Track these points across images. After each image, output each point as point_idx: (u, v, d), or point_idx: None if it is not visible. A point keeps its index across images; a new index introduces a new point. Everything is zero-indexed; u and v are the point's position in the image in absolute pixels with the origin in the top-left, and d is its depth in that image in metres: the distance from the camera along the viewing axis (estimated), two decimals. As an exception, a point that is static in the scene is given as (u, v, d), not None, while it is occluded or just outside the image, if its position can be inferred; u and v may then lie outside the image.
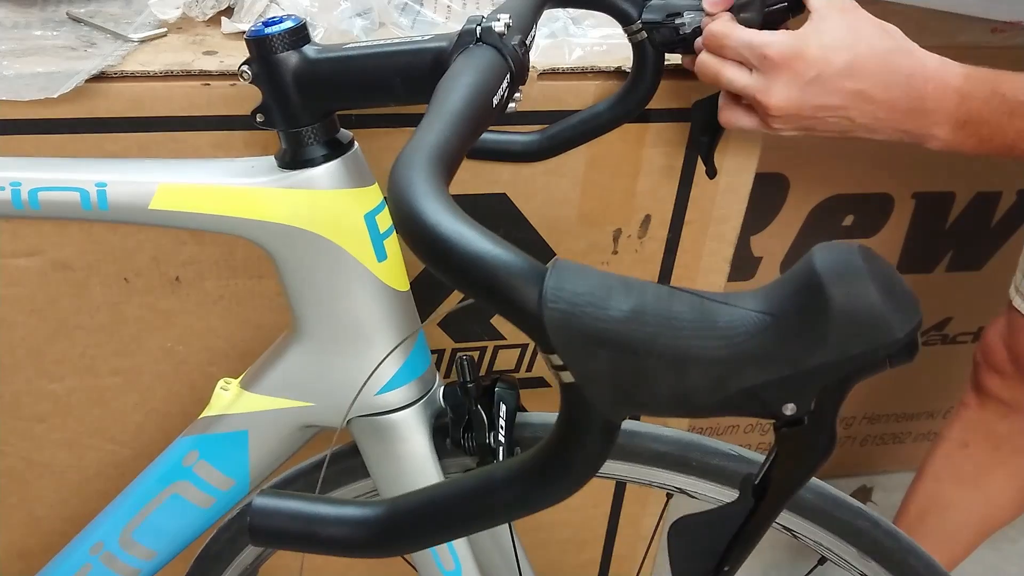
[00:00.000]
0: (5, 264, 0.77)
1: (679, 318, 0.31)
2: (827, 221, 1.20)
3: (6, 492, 0.92)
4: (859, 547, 0.66)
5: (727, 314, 0.31)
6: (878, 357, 0.30)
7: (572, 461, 0.36)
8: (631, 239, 0.86)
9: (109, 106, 0.70)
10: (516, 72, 0.51)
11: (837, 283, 0.30)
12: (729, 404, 0.32)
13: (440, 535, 0.40)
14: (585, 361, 0.32)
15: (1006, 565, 1.39)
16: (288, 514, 0.40)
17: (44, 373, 0.84)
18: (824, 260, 0.30)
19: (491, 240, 0.33)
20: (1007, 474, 1.03)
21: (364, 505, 0.40)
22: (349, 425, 0.65)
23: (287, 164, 0.58)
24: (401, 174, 0.36)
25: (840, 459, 1.54)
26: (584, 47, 0.77)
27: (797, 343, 0.30)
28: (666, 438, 0.67)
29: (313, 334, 0.62)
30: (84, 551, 0.70)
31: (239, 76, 0.55)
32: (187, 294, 0.82)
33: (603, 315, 0.31)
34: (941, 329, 1.37)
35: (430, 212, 0.34)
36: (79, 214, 0.59)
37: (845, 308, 0.30)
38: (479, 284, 0.33)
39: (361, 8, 0.76)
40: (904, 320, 0.30)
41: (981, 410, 1.02)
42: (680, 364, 0.31)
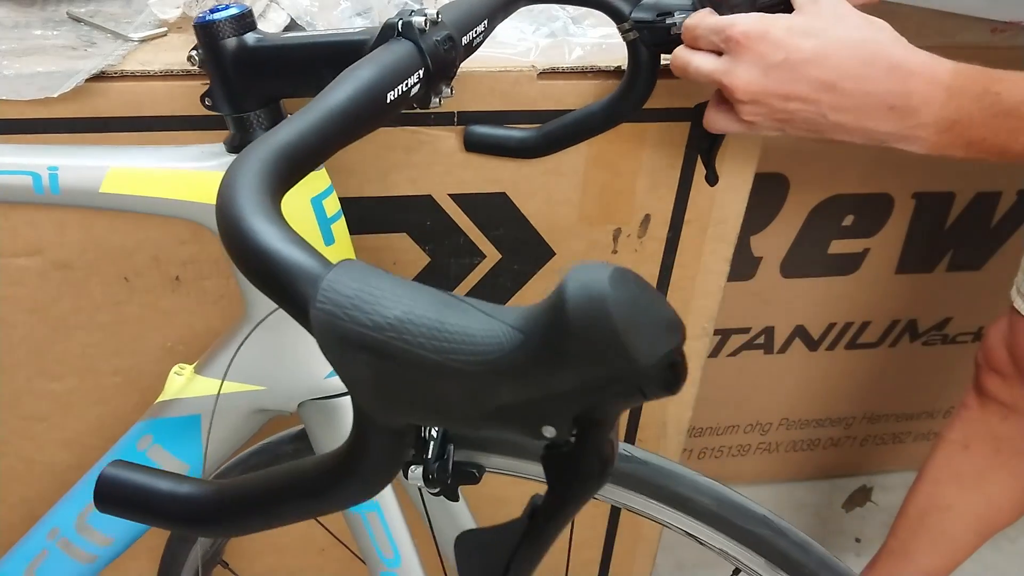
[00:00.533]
0: (5, 264, 0.77)
1: (442, 329, 0.30)
2: (827, 221, 1.20)
3: (6, 492, 0.92)
4: (767, 557, 0.64)
5: (486, 328, 0.30)
6: (628, 385, 0.29)
7: (359, 464, 0.36)
8: (631, 239, 0.86)
9: (109, 106, 0.70)
10: (434, 68, 0.51)
11: (579, 305, 0.28)
12: (489, 420, 0.31)
13: (258, 521, 0.40)
14: (347, 364, 0.31)
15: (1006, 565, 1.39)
16: (130, 486, 0.41)
17: (44, 372, 0.84)
18: (574, 281, 0.29)
19: (284, 238, 0.32)
20: (1008, 476, 1.03)
21: (198, 484, 0.40)
22: (299, 409, 0.65)
23: (235, 149, 0.59)
24: (231, 167, 0.36)
25: (840, 459, 1.55)
26: (584, 47, 0.77)
27: (541, 363, 0.29)
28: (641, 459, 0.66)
29: (261, 317, 0.62)
30: (41, 537, 0.71)
31: (187, 60, 0.57)
32: (187, 294, 0.82)
33: (366, 319, 0.30)
34: (941, 329, 1.37)
35: (237, 207, 0.34)
36: (32, 198, 0.60)
37: (582, 330, 0.28)
38: (262, 277, 0.33)
39: (361, 8, 0.76)
40: (651, 348, 0.28)
41: (982, 411, 1.02)
42: (435, 375, 0.30)
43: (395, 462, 0.36)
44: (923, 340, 1.38)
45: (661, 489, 0.65)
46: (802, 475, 1.52)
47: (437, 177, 0.79)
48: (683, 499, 0.65)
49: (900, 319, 1.34)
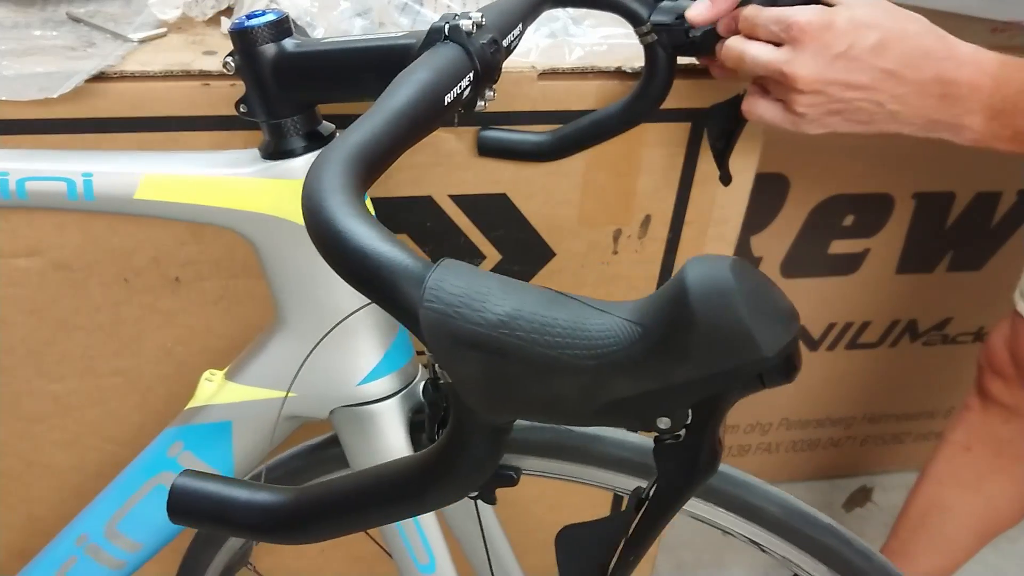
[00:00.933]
0: (5, 264, 0.77)
1: (554, 325, 0.30)
2: (827, 221, 1.20)
3: (6, 492, 0.92)
4: (829, 565, 0.65)
5: (600, 322, 0.30)
6: (749, 375, 0.29)
7: (459, 462, 0.36)
8: (631, 239, 0.86)
9: (109, 106, 0.70)
10: (482, 71, 0.51)
11: (703, 297, 0.29)
12: (603, 415, 0.31)
13: (343, 525, 0.40)
14: (457, 363, 0.31)
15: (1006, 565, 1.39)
16: (205, 495, 0.40)
17: (44, 373, 0.84)
18: (694, 273, 0.29)
19: (382, 238, 0.33)
20: (1008, 479, 1.03)
21: (276, 491, 0.40)
22: (331, 415, 0.65)
23: (269, 155, 0.59)
24: (315, 169, 0.36)
25: (840, 459, 1.55)
26: (584, 47, 0.77)
27: (662, 356, 0.29)
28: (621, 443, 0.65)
29: (295, 324, 0.62)
30: (70, 543, 0.71)
31: (223, 68, 0.56)
32: (187, 294, 0.82)
33: (477, 317, 0.30)
34: (941, 329, 1.37)
35: (328, 208, 0.34)
36: (65, 204, 0.60)
37: (709, 322, 0.28)
38: (364, 279, 0.32)
39: (361, 8, 0.76)
40: (774, 338, 0.29)
41: (984, 414, 1.02)
42: (549, 372, 0.30)
43: (494, 460, 0.36)
44: (923, 340, 1.38)
45: (731, 498, 0.65)
46: (802, 475, 1.52)
47: (437, 178, 0.79)
48: (751, 508, 0.65)
49: (900, 319, 1.34)
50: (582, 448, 0.66)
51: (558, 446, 0.66)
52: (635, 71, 0.75)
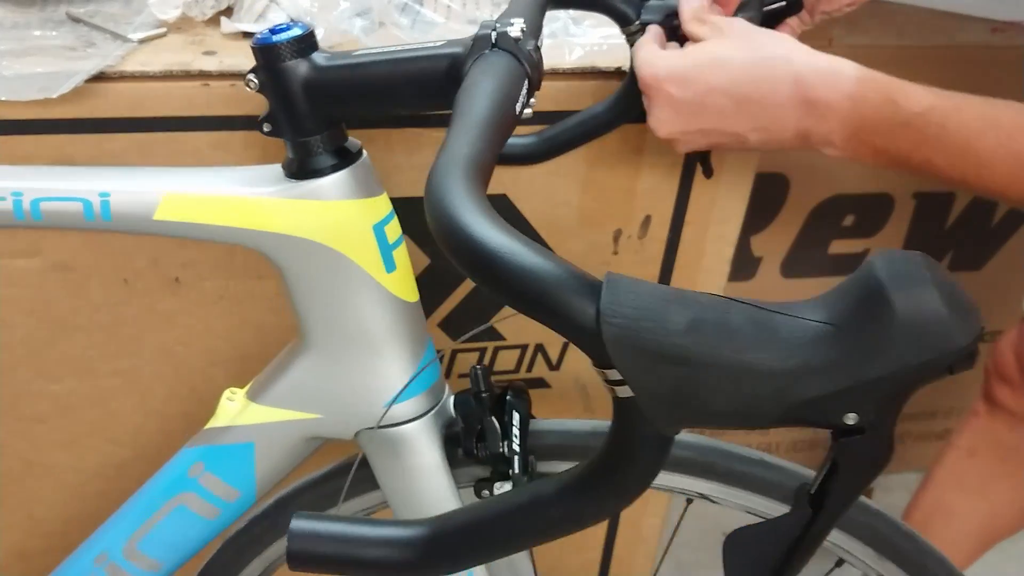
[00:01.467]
0: (5, 265, 0.77)
1: (738, 330, 0.30)
2: (827, 221, 1.20)
3: (6, 492, 0.92)
4: (876, 548, 0.66)
5: (787, 325, 0.30)
6: (941, 366, 0.30)
7: (626, 475, 0.35)
8: (631, 239, 0.86)
9: (109, 106, 0.70)
10: (533, 78, 0.50)
11: (901, 291, 0.29)
12: (789, 416, 0.32)
13: (488, 554, 0.40)
14: (644, 376, 0.31)
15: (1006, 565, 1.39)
16: (327, 536, 0.39)
17: (44, 374, 0.84)
18: (887, 268, 0.30)
19: (542, 254, 0.32)
20: (1013, 485, 1.03)
21: (406, 525, 0.39)
22: (357, 437, 0.64)
23: (294, 174, 0.57)
24: (440, 188, 0.35)
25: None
26: (584, 47, 0.77)
27: (860, 353, 0.30)
28: (687, 443, 0.67)
29: (321, 345, 0.61)
30: (88, 561, 0.70)
31: (246, 85, 0.54)
32: (187, 295, 0.82)
33: (662, 329, 0.30)
34: (941, 329, 1.37)
35: (476, 227, 0.33)
36: (82, 224, 0.58)
37: (909, 317, 0.29)
38: (532, 300, 0.32)
39: (361, 8, 0.76)
40: (967, 328, 0.30)
41: (990, 419, 1.02)
42: (741, 377, 0.30)
43: (660, 467, 0.36)
44: (923, 340, 1.38)
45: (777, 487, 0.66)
46: (802, 475, 1.52)
47: (437, 178, 0.79)
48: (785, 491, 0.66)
49: (900, 319, 1.34)
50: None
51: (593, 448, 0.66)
52: (635, 71, 0.75)
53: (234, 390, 0.67)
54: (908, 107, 0.58)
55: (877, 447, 0.34)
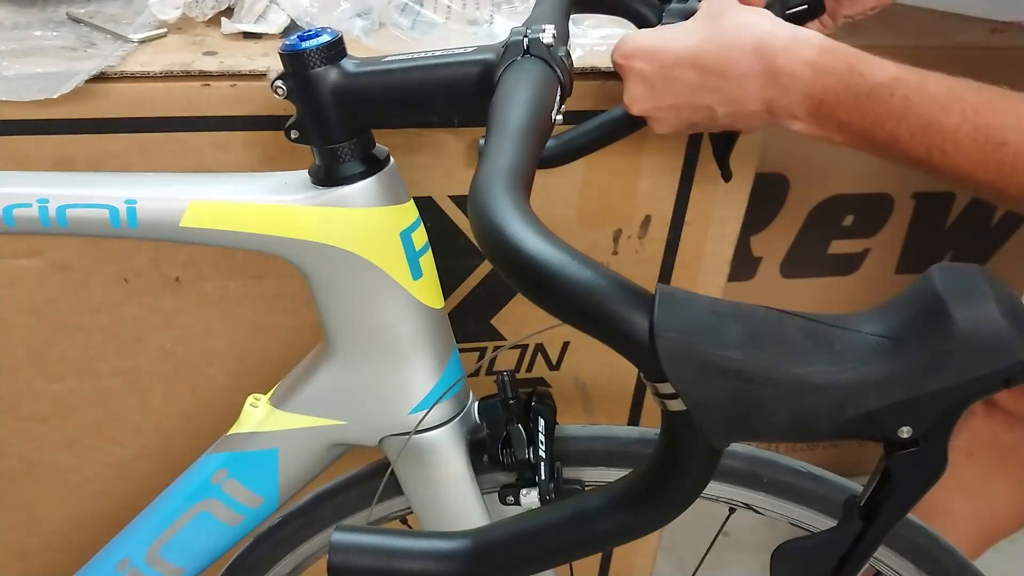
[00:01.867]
0: (5, 264, 0.77)
1: (795, 344, 0.30)
2: (827, 221, 1.20)
3: (6, 492, 0.92)
4: (917, 563, 0.65)
5: (844, 338, 0.30)
6: (999, 379, 0.30)
7: (676, 487, 0.35)
8: (631, 239, 0.86)
9: (109, 106, 0.70)
10: (565, 83, 0.49)
11: (961, 305, 0.29)
12: (844, 429, 0.31)
13: (532, 567, 0.39)
14: (700, 390, 0.31)
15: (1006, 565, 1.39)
16: (369, 549, 0.38)
17: (44, 373, 0.84)
18: (946, 281, 0.30)
19: (592, 267, 0.32)
20: (1011, 485, 1.03)
21: (448, 537, 0.39)
22: (381, 443, 0.64)
23: (321, 181, 0.56)
24: (486, 200, 0.35)
25: (840, 459, 1.54)
26: (584, 47, 0.77)
27: (919, 367, 0.30)
28: (733, 453, 0.66)
29: (346, 352, 0.61)
30: (110, 568, 0.70)
31: (274, 92, 0.53)
32: (187, 295, 0.82)
33: (718, 343, 0.30)
34: (941, 329, 1.37)
35: (525, 239, 0.32)
36: (108, 232, 0.58)
37: (970, 331, 0.29)
38: (584, 314, 0.32)
39: (361, 8, 0.76)
40: None
41: (988, 419, 1.02)
42: (798, 391, 0.30)
43: (707, 482, 0.36)
44: (923, 340, 1.38)
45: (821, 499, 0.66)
46: (802, 475, 1.52)
47: (437, 179, 0.79)
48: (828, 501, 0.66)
49: (900, 319, 1.34)
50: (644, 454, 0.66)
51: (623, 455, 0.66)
52: (635, 71, 0.75)
53: (258, 396, 0.66)
54: (872, 77, 0.57)
55: (931, 460, 0.34)
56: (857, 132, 0.59)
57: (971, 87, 0.57)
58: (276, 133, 0.73)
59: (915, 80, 0.57)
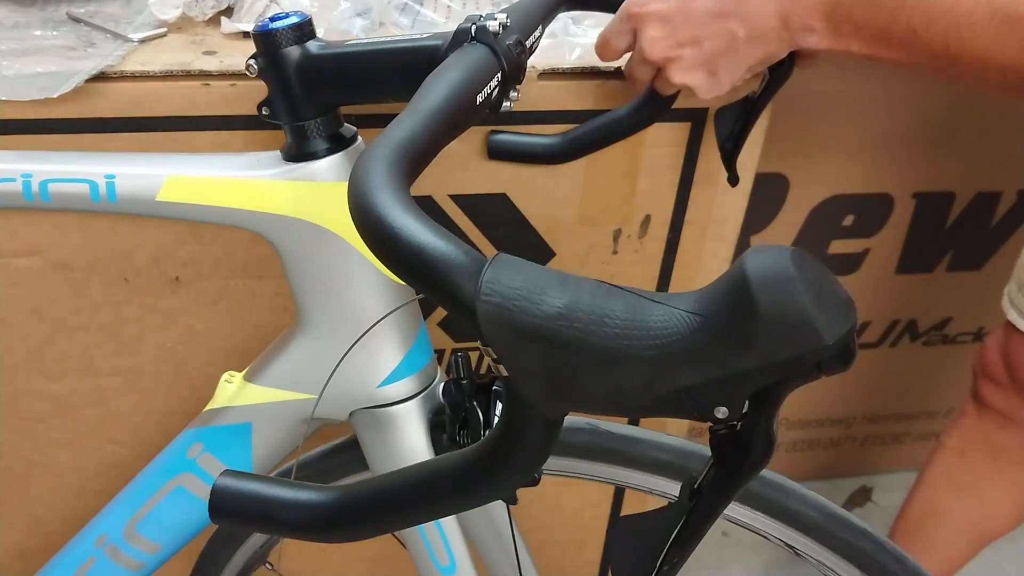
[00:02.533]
0: (5, 264, 0.77)
1: (612, 316, 0.30)
2: (827, 221, 1.20)
3: (6, 492, 0.92)
4: (864, 569, 0.65)
5: (660, 314, 0.30)
6: (809, 363, 0.30)
7: (513, 456, 0.36)
8: (631, 239, 0.86)
9: (109, 106, 0.70)
10: (509, 71, 0.52)
11: (765, 286, 0.29)
12: (661, 405, 0.32)
13: (390, 522, 0.41)
14: (516, 355, 0.32)
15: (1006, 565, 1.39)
16: (247, 495, 0.40)
17: (44, 373, 0.84)
18: (755, 262, 0.30)
19: (435, 233, 0.33)
20: (1004, 484, 1.03)
21: (320, 490, 0.40)
22: (351, 418, 0.65)
23: (292, 157, 0.59)
24: (360, 165, 0.37)
25: (840, 459, 1.55)
26: (584, 47, 0.77)
27: (725, 346, 0.30)
28: (668, 446, 0.67)
29: (316, 326, 0.62)
30: (89, 544, 0.71)
31: (246, 70, 0.56)
32: (187, 294, 0.82)
33: (535, 310, 0.31)
34: (941, 329, 1.37)
35: (379, 203, 0.34)
36: (88, 206, 0.60)
37: (772, 312, 0.29)
38: (420, 275, 0.33)
39: (361, 8, 0.76)
40: (835, 326, 0.29)
41: (979, 419, 1.02)
42: (609, 363, 0.31)
43: (547, 452, 0.36)
44: (923, 340, 1.38)
45: (769, 502, 0.66)
46: (802, 475, 1.52)
47: (437, 178, 0.79)
48: (790, 512, 0.66)
49: (900, 319, 1.34)
50: (620, 451, 0.67)
51: (597, 448, 0.66)
52: (635, 71, 0.75)
53: (232, 373, 0.67)
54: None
55: (751, 442, 0.34)
56: (874, 32, 0.59)
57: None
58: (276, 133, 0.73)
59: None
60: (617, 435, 0.67)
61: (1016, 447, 1.01)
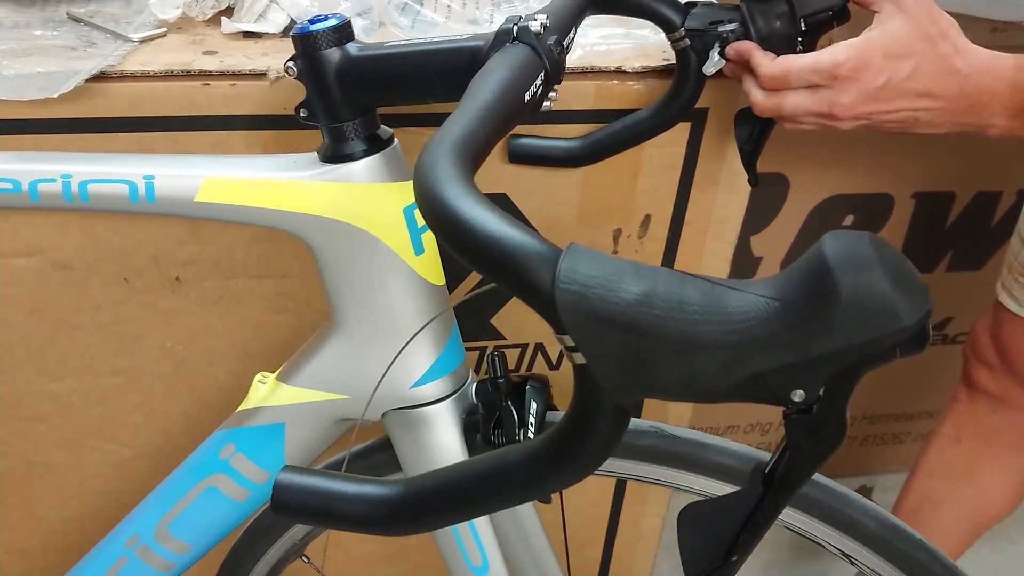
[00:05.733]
0: (5, 264, 0.77)
1: (689, 302, 0.31)
2: (827, 221, 1.20)
3: (6, 492, 0.92)
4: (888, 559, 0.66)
5: (737, 299, 0.31)
6: (886, 346, 0.30)
7: (584, 444, 0.37)
8: (631, 239, 0.86)
9: (109, 106, 0.70)
10: (551, 71, 0.52)
11: (846, 270, 0.30)
12: (737, 390, 0.32)
13: (455, 514, 0.41)
14: (595, 343, 0.32)
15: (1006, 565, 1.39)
16: (310, 490, 0.41)
17: (44, 373, 0.84)
18: (834, 247, 0.30)
19: (509, 223, 0.34)
20: (999, 469, 1.04)
21: (383, 484, 0.41)
22: (383, 418, 0.65)
23: (328, 158, 0.59)
24: (425, 159, 0.37)
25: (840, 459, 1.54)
26: (584, 47, 0.77)
27: (804, 330, 0.30)
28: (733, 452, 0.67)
29: (350, 327, 0.62)
30: (120, 544, 0.71)
31: (285, 72, 0.57)
32: (187, 294, 0.82)
33: (614, 297, 0.31)
34: (941, 329, 1.37)
35: (450, 195, 0.35)
36: (126, 207, 0.60)
37: (853, 295, 0.30)
38: (495, 265, 0.33)
39: (361, 8, 0.76)
40: (913, 309, 0.30)
41: (972, 405, 1.03)
42: (687, 348, 0.31)
43: (618, 439, 0.37)
44: (923, 340, 1.38)
45: (830, 510, 0.66)
46: (802, 475, 1.52)
47: (437, 177, 0.79)
48: (849, 521, 0.66)
49: (900, 319, 1.34)
50: (686, 454, 0.67)
51: (661, 451, 0.66)
52: (635, 71, 0.75)
53: (265, 374, 0.68)
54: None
55: (826, 426, 0.34)
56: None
57: None
58: (276, 132, 0.73)
59: None
60: (682, 439, 0.67)
61: (1009, 430, 1.01)
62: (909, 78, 0.63)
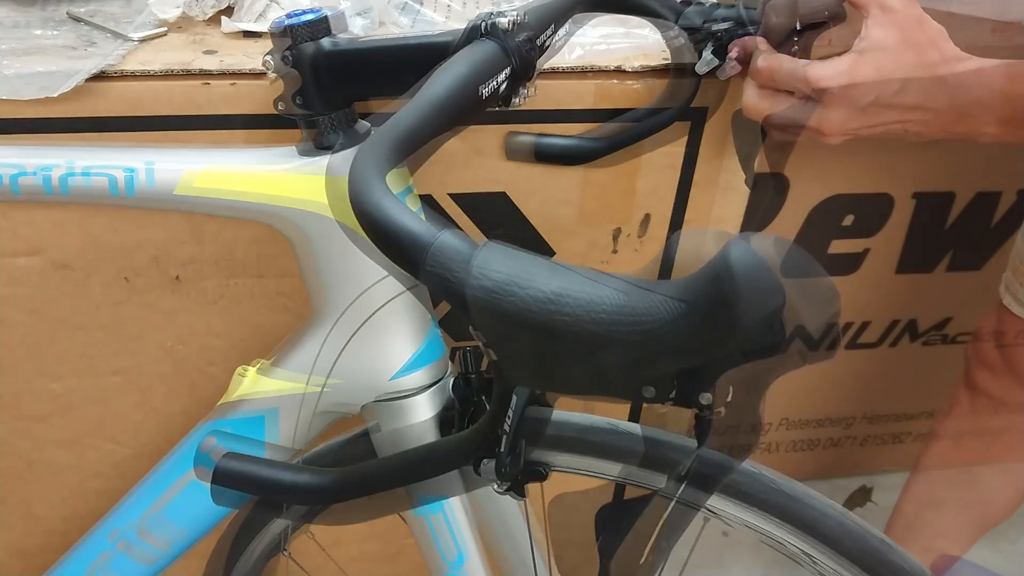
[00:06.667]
0: (5, 264, 0.77)
1: (600, 303, 0.31)
2: (827, 221, 1.20)
3: (6, 492, 0.92)
4: None
5: (647, 301, 0.31)
6: (788, 348, 0.30)
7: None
8: (631, 238, 0.86)
9: (109, 105, 0.70)
10: (518, 68, 0.52)
11: (746, 273, 0.29)
12: (645, 390, 0.32)
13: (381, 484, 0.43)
14: (505, 340, 0.32)
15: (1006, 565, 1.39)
16: (249, 477, 0.44)
17: (44, 373, 0.84)
18: (738, 251, 0.30)
19: (428, 219, 0.34)
20: (1000, 470, 1.03)
21: (319, 474, 0.42)
22: (363, 410, 0.65)
23: (307, 151, 0.60)
24: (361, 158, 0.38)
25: (840, 459, 1.54)
26: (584, 47, 0.77)
27: (707, 332, 0.30)
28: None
29: (327, 318, 0.63)
30: (103, 538, 0.71)
31: (263, 66, 0.58)
32: (187, 293, 0.82)
33: (524, 296, 0.31)
34: (941, 329, 1.37)
35: (376, 194, 0.35)
36: (107, 199, 0.61)
37: (752, 298, 0.29)
38: (410, 259, 0.34)
39: (361, 8, 0.76)
40: (817, 312, 0.30)
41: (973, 407, 1.03)
42: (595, 348, 0.31)
43: None
44: (923, 340, 1.38)
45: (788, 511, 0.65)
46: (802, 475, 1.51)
47: (437, 177, 0.79)
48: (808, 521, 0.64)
49: (900, 319, 1.34)
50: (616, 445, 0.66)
51: (592, 444, 0.66)
52: (635, 70, 0.75)
53: (246, 367, 0.68)
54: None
55: (736, 429, 0.35)
56: None
57: None
58: (276, 132, 0.73)
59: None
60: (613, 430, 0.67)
61: (1011, 432, 1.01)
62: (898, 93, 0.63)
